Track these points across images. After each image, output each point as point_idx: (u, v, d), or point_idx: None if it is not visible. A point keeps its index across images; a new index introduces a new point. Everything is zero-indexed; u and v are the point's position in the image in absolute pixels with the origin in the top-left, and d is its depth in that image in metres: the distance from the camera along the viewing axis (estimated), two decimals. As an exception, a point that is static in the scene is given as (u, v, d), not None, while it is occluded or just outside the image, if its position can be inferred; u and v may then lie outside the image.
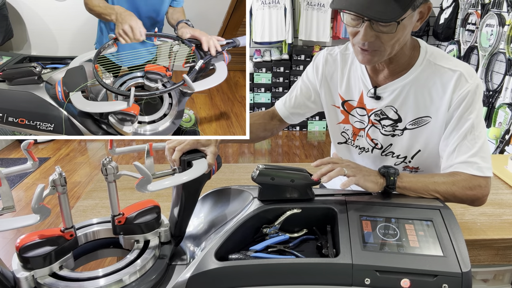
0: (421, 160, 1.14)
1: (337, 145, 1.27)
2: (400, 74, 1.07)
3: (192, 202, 0.91)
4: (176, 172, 0.87)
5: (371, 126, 1.15)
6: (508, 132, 3.05)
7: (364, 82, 1.12)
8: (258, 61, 4.46)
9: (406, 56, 1.05)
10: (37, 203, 0.70)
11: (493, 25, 3.23)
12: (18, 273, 0.73)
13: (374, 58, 0.98)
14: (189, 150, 0.89)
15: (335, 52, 1.19)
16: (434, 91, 1.05)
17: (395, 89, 1.08)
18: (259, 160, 3.92)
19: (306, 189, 0.94)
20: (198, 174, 0.83)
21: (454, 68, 1.02)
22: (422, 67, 1.05)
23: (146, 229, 0.86)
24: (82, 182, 3.32)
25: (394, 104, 1.09)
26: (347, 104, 1.18)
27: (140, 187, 0.76)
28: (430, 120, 1.07)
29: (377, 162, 1.20)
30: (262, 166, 0.93)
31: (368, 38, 0.93)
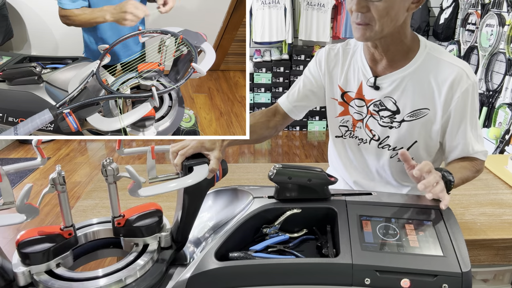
0: (416, 151, 1.15)
1: (335, 138, 1.29)
2: (399, 66, 1.09)
3: (195, 208, 0.88)
4: (179, 176, 0.86)
5: (370, 116, 1.17)
6: (508, 132, 3.04)
7: (364, 72, 1.14)
8: (258, 61, 4.46)
9: (404, 45, 1.07)
10: (23, 201, 0.69)
11: (493, 25, 3.23)
12: (16, 268, 0.74)
13: (366, 32, 1.00)
14: (192, 154, 0.87)
15: (336, 47, 1.22)
16: (434, 83, 1.07)
17: (395, 80, 1.09)
18: (259, 160, 3.92)
19: (323, 188, 0.94)
20: (197, 181, 0.80)
21: (455, 63, 1.06)
22: (422, 59, 1.07)
23: (146, 232, 0.84)
24: (82, 182, 3.32)
25: (393, 95, 1.11)
26: (346, 96, 1.20)
27: (132, 192, 0.75)
28: (428, 112, 1.09)
29: (374, 154, 1.21)
30: (279, 165, 0.93)
31: (360, 8, 0.96)
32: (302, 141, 4.38)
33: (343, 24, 4.31)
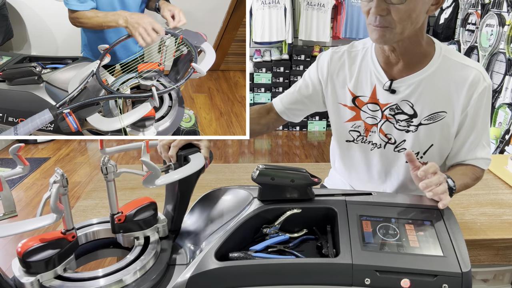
0: (431, 154, 1.14)
1: (345, 143, 1.24)
2: (416, 69, 1.07)
3: (187, 196, 0.93)
4: (170, 168, 0.89)
5: (385, 121, 1.14)
6: (508, 132, 3.05)
7: (378, 76, 1.11)
8: (258, 61, 4.46)
9: (421, 47, 1.05)
10: (55, 202, 0.71)
11: (493, 25, 3.23)
12: (22, 279, 0.72)
13: (385, 34, 0.97)
14: (183, 145, 0.92)
15: (341, 50, 1.19)
16: (452, 86, 1.06)
17: (412, 83, 1.07)
18: (259, 160, 3.92)
19: (306, 189, 0.94)
20: (198, 167, 0.87)
21: (471, 65, 1.05)
22: (439, 61, 1.06)
23: (145, 225, 0.87)
24: (82, 182, 3.32)
25: (410, 98, 1.09)
26: (358, 100, 1.17)
27: (148, 182, 0.77)
28: (446, 115, 1.08)
29: (390, 158, 1.19)
30: (262, 166, 0.93)
31: (380, 11, 0.94)
32: (302, 141, 4.38)
33: (343, 24, 4.31)
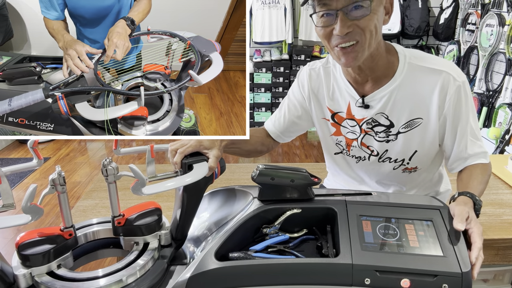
0: (418, 158, 1.14)
1: (334, 155, 1.26)
2: (384, 81, 1.07)
3: (194, 205, 0.90)
4: (178, 175, 0.86)
5: (364, 134, 1.15)
6: (508, 132, 3.04)
7: (350, 93, 1.12)
8: (258, 61, 4.46)
9: (384, 59, 1.05)
10: (28, 202, 0.69)
11: (493, 25, 3.23)
12: (17, 270, 0.73)
13: (357, 55, 0.96)
14: (191, 152, 0.88)
15: (317, 66, 1.19)
16: (422, 92, 1.05)
17: (383, 96, 1.08)
18: (259, 160, 3.92)
19: (306, 189, 0.94)
20: (197, 178, 0.81)
21: (439, 68, 1.04)
22: (405, 71, 1.05)
23: (146, 231, 0.85)
24: (82, 182, 3.33)
25: (384, 110, 1.09)
26: (337, 116, 1.18)
27: (135, 190, 0.75)
28: (422, 121, 1.08)
29: (376, 169, 1.20)
30: (262, 166, 0.93)
31: (346, 29, 0.92)
32: (302, 141, 4.38)
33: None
